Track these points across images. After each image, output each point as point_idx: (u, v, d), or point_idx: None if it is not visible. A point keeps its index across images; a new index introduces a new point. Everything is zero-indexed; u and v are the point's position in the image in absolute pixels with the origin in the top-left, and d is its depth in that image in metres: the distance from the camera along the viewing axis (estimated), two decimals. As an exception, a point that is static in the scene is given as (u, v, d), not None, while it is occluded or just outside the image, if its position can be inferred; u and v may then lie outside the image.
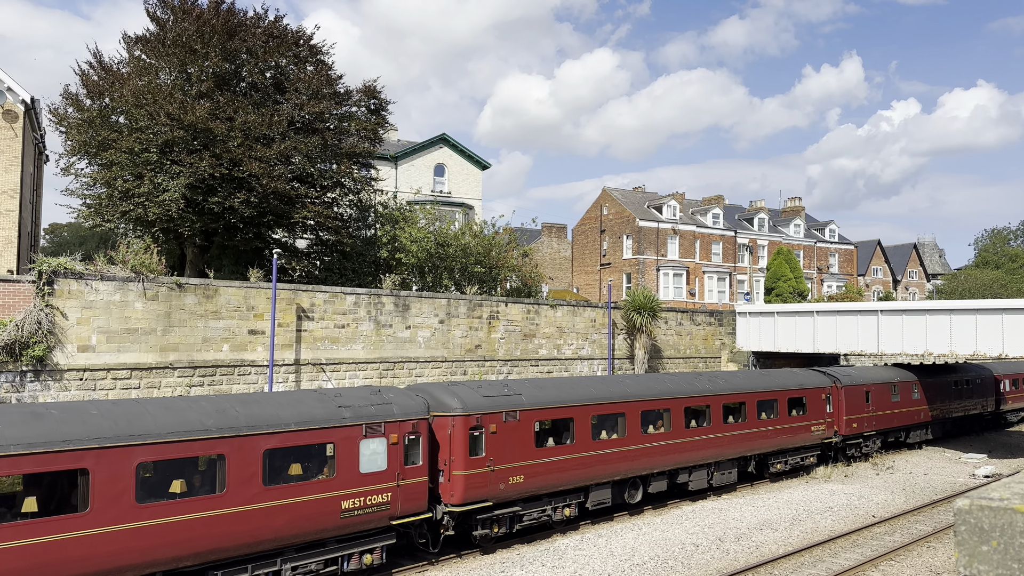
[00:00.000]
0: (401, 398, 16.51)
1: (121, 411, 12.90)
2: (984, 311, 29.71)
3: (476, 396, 17.66)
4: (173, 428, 12.91)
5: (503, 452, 17.55)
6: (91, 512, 11.72)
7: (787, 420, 26.65)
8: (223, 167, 25.99)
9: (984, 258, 79.29)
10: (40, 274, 20.57)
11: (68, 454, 11.63)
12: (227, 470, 13.31)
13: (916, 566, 17.32)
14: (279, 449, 14.09)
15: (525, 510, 18.39)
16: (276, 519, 13.82)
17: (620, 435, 20.65)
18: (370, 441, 15.31)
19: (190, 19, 27.03)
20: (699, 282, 63.34)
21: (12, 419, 11.69)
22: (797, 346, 35.70)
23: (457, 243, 34.23)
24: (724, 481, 24.32)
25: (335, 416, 15.00)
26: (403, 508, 15.79)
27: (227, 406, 14.04)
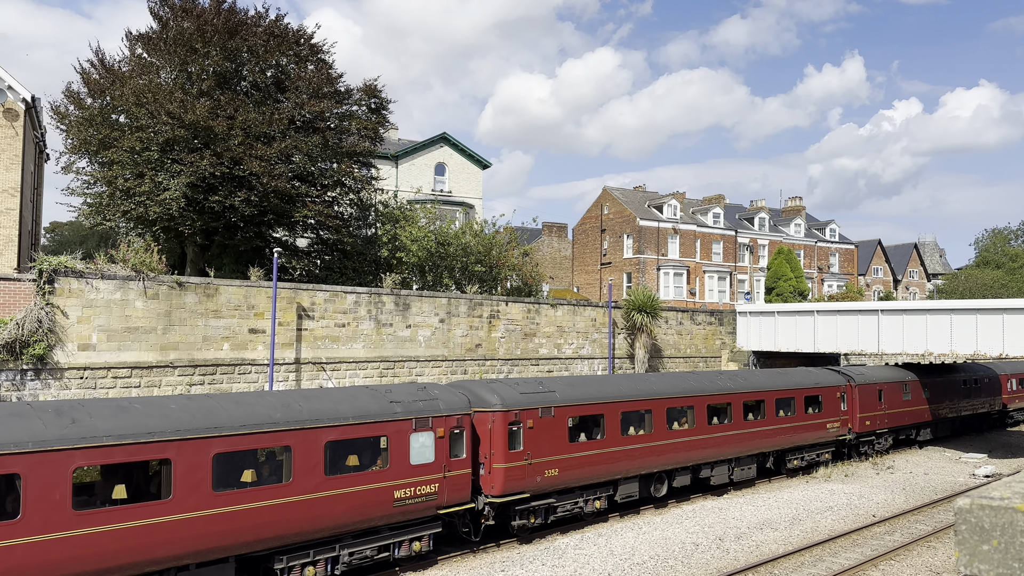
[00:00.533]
0: (446, 394, 17.37)
1: (197, 405, 13.82)
2: (984, 311, 29.71)
3: (514, 393, 18.48)
4: (245, 421, 13.75)
5: (539, 446, 18.38)
6: (173, 499, 12.56)
7: (804, 418, 27.35)
8: (224, 166, 26.00)
9: (985, 258, 79.24)
10: (41, 273, 20.58)
11: (154, 445, 12.51)
12: (293, 461, 14.16)
13: (916, 566, 17.32)
14: (339, 441, 14.93)
15: (559, 502, 19.20)
16: (336, 507, 14.65)
17: (647, 431, 21.40)
18: (419, 435, 16.17)
19: (191, 18, 27.04)
20: (699, 281, 63.33)
21: (102, 412, 12.58)
22: (797, 346, 35.70)
23: (457, 242, 34.23)
24: (744, 476, 24.98)
25: (388, 411, 15.88)
26: (449, 498, 16.63)
27: (291, 401, 14.97)
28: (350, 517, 14.94)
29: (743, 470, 24.89)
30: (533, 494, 18.40)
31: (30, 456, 11.36)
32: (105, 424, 12.25)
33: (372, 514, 15.30)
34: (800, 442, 27.33)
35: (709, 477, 23.75)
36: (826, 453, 28.96)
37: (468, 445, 17.12)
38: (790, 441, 26.81)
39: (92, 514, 11.96)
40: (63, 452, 11.64)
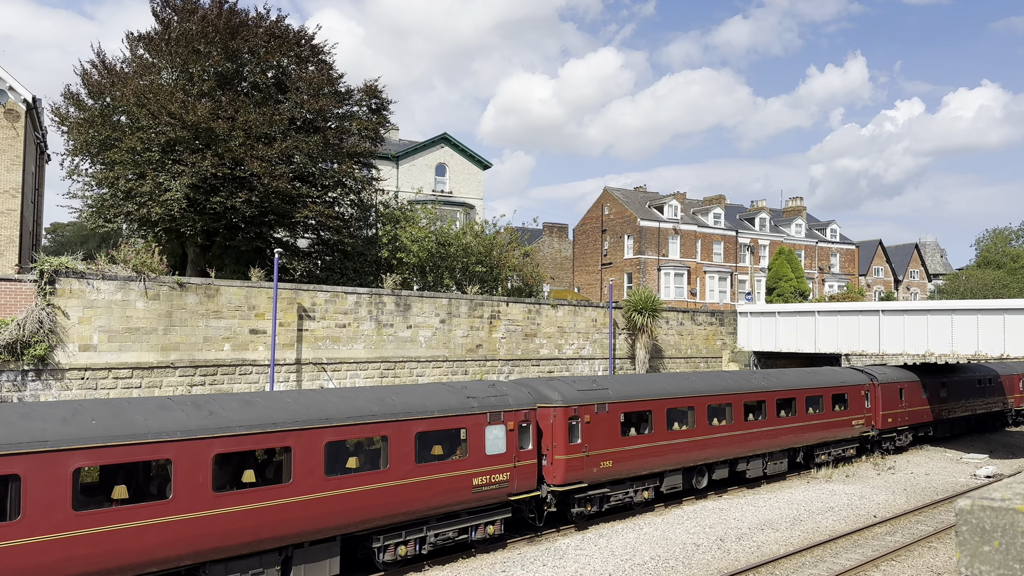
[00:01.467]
0: (513, 391, 18.74)
1: (309, 399, 15.25)
2: (985, 311, 29.69)
3: (572, 390, 19.76)
4: (350, 413, 15.12)
5: (595, 440, 19.66)
6: (293, 483, 13.95)
7: (831, 415, 28.50)
8: (225, 166, 26.01)
9: (986, 258, 79.18)
10: (42, 273, 20.59)
11: (277, 434, 13.90)
12: (389, 449, 15.54)
13: (917, 566, 17.31)
14: (427, 432, 16.28)
15: (612, 492, 20.56)
16: (424, 492, 16.02)
17: (689, 427, 22.66)
18: (493, 427, 17.51)
19: (194, 18, 27.05)
20: (700, 282, 63.32)
21: (232, 405, 13.97)
22: (798, 346, 35.69)
23: (458, 243, 34.24)
24: (776, 470, 26.19)
25: (466, 405, 17.23)
26: (518, 486, 18.02)
27: (385, 396, 16.41)
28: (436, 501, 16.33)
29: (776, 464, 26.12)
30: (590, 484, 19.69)
31: (179, 444, 12.69)
32: (237, 416, 13.66)
33: (454, 499, 16.71)
34: (828, 438, 28.55)
35: (745, 471, 24.96)
36: (851, 449, 30.01)
37: (534, 438, 18.46)
38: (819, 437, 28.08)
39: (229, 495, 13.23)
40: (205, 440, 12.95)
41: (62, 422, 11.94)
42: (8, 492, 11.22)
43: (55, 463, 11.50)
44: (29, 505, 11.20)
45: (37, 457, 11.35)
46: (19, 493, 11.19)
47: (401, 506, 15.65)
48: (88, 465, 12.16)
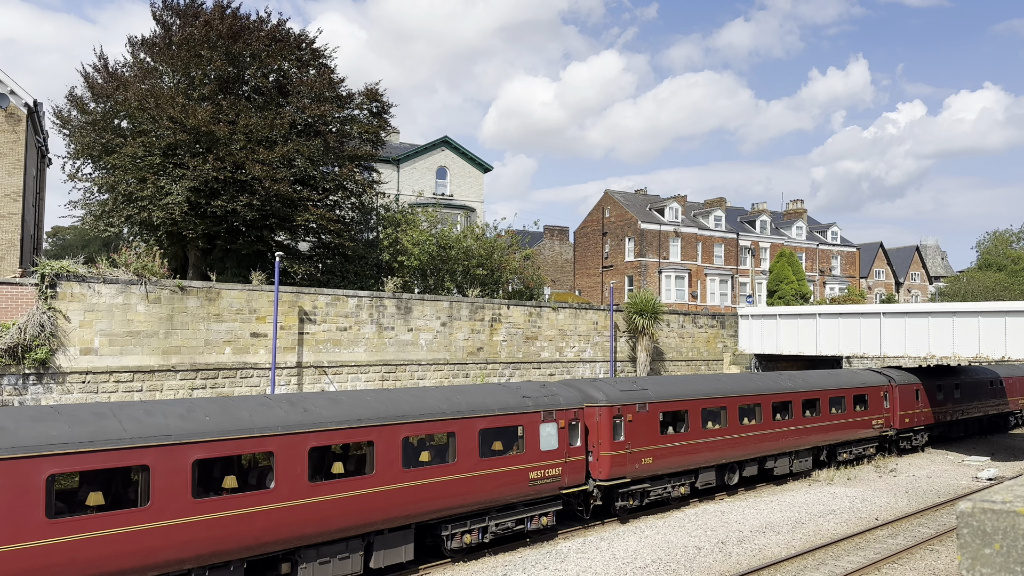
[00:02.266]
0: (563, 391, 19.81)
1: (386, 397, 16.49)
2: (986, 314, 29.67)
3: (615, 390, 20.80)
4: (423, 411, 16.25)
5: (637, 437, 20.73)
6: (375, 474, 15.10)
7: (853, 415, 29.46)
8: (226, 170, 26.04)
9: (987, 260, 79.11)
10: (43, 277, 20.62)
11: (362, 430, 15.08)
12: (456, 444, 16.60)
13: (919, 569, 17.29)
14: (488, 429, 17.32)
15: (652, 487, 21.55)
16: (487, 484, 17.11)
17: (722, 426, 23.66)
18: (546, 425, 18.54)
19: (196, 23, 27.10)
20: (701, 284, 63.31)
21: (322, 403, 15.13)
22: (800, 348, 35.67)
23: (459, 246, 34.25)
24: (801, 468, 27.13)
25: (522, 404, 18.29)
26: (569, 480, 19.09)
27: (451, 395, 17.54)
28: (497, 493, 17.40)
29: (801, 462, 27.10)
30: (632, 479, 20.76)
31: (280, 438, 13.79)
32: (327, 413, 14.79)
33: (513, 492, 17.77)
34: (850, 437, 29.44)
35: (773, 468, 25.94)
36: (871, 448, 30.88)
37: (582, 435, 19.53)
38: (842, 436, 28.98)
39: (322, 485, 14.25)
40: (301, 435, 14.09)
41: (181, 418, 13.04)
42: (139, 481, 12.36)
43: (178, 455, 12.52)
44: (156, 493, 12.20)
45: (163, 450, 12.37)
46: (148, 482, 12.22)
47: (467, 497, 16.76)
48: (205, 457, 13.05)
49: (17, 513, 10.91)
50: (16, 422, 11.61)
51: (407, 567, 16.33)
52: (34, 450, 11.23)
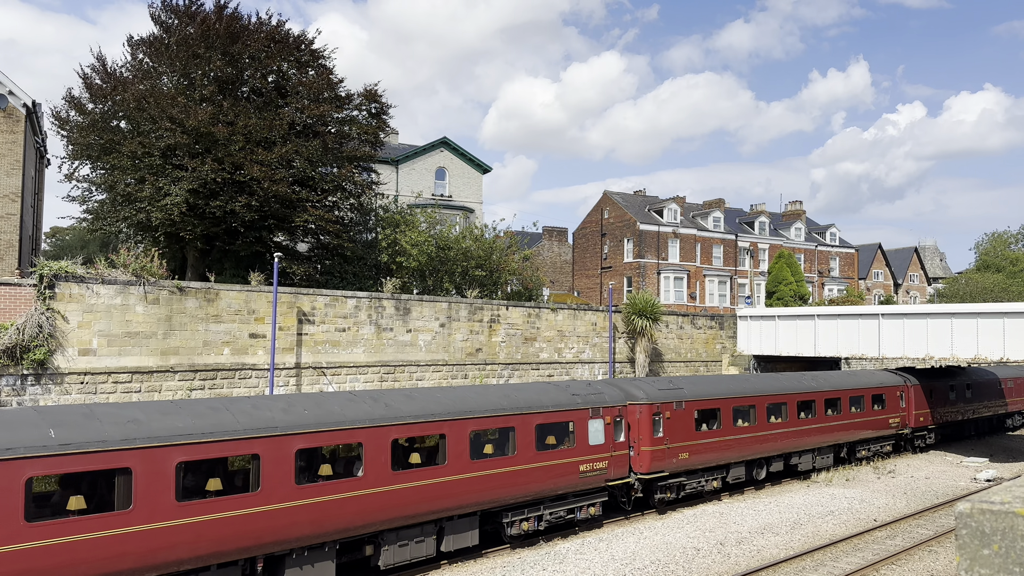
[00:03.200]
0: (608, 389, 20.99)
1: (454, 394, 17.70)
2: (985, 315, 29.70)
3: (654, 389, 21.96)
4: (487, 407, 17.42)
5: (674, 433, 21.88)
6: (447, 465, 16.24)
7: (872, 414, 30.46)
8: (225, 171, 26.02)
9: (985, 262, 79.16)
10: (41, 278, 20.59)
11: (435, 423, 16.35)
12: (516, 438, 17.71)
13: (917, 570, 17.29)
14: (544, 424, 18.50)
15: (687, 481, 22.64)
16: (543, 475, 18.21)
17: (751, 423, 24.75)
18: (594, 421, 19.73)
19: (194, 24, 27.08)
20: (700, 285, 63.32)
21: (399, 399, 16.47)
22: (798, 349, 35.68)
23: (458, 247, 34.24)
24: (823, 464, 28.15)
25: (572, 401, 19.46)
26: (614, 473, 20.28)
27: (509, 392, 18.82)
28: (552, 484, 18.55)
29: (823, 458, 28.14)
30: (670, 473, 21.96)
31: (368, 430, 15.09)
32: (405, 408, 16.04)
33: (565, 483, 18.91)
34: (869, 435, 30.42)
35: (797, 464, 27.02)
36: (888, 445, 31.82)
37: (625, 431, 20.74)
38: (861, 434, 29.99)
39: (401, 474, 15.53)
40: (385, 428, 15.34)
41: (283, 411, 14.27)
42: (251, 468, 13.59)
43: (283, 445, 13.72)
44: (266, 479, 13.37)
45: (271, 440, 13.58)
46: (259, 469, 13.39)
47: (525, 487, 17.96)
48: (305, 447, 14.19)
49: (154, 496, 12.10)
50: (147, 415, 12.80)
51: (472, 551, 17.52)
52: (166, 440, 12.42)
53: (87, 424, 12.09)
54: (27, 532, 10.97)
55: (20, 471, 11.13)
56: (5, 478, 10.98)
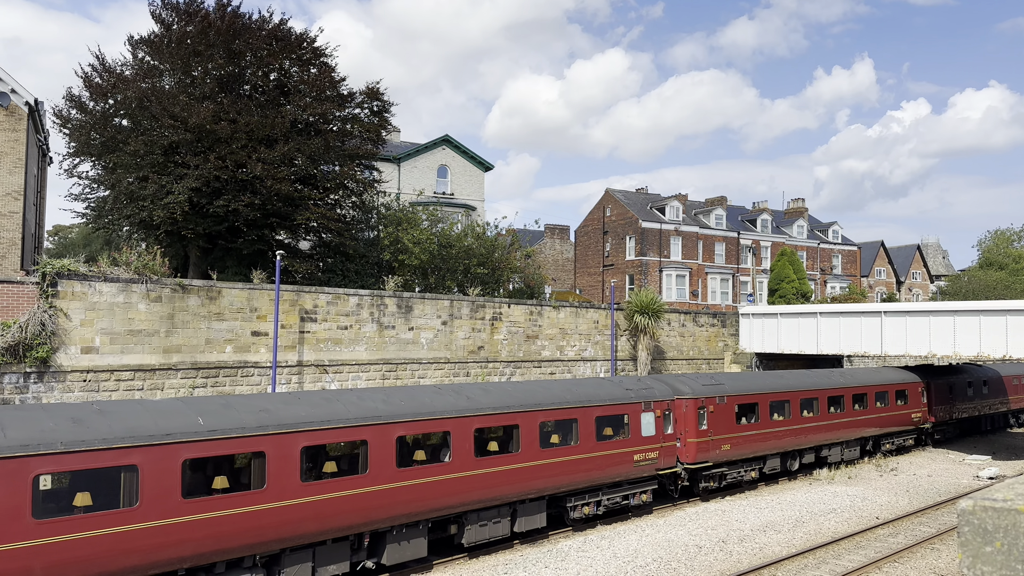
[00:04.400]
0: (656, 384, 22.63)
1: (524, 388, 19.37)
2: (988, 312, 29.65)
3: (698, 384, 23.33)
4: (553, 400, 18.90)
5: (717, 426, 23.27)
6: (520, 453, 17.69)
7: (895, 409, 31.75)
8: (227, 169, 26.02)
9: (988, 259, 79.02)
10: (44, 276, 20.62)
11: (510, 415, 17.66)
12: (579, 429, 19.24)
13: (920, 568, 17.28)
14: (603, 416, 19.97)
15: (728, 471, 24.06)
16: (602, 464, 19.73)
17: (786, 417, 26.11)
18: (646, 414, 21.23)
19: (195, 22, 27.07)
20: (702, 283, 63.29)
21: (477, 392, 17.93)
22: (800, 347, 35.65)
23: (460, 244, 34.23)
24: (850, 456, 29.65)
25: (627, 396, 20.98)
26: (663, 463, 21.77)
27: (572, 387, 20.41)
28: (610, 472, 20.06)
29: (850, 451, 29.60)
30: (713, 463, 23.32)
31: (454, 420, 16.49)
32: (485, 400, 17.53)
33: (621, 471, 20.43)
34: (893, 429, 31.85)
35: (827, 456, 28.42)
36: (910, 439, 33.25)
37: (673, 423, 22.18)
38: (886, 428, 31.41)
39: (482, 460, 16.98)
40: (468, 418, 16.83)
41: (383, 403, 15.83)
42: (360, 454, 15.08)
43: (387, 432, 15.24)
44: (372, 463, 14.90)
45: (376, 428, 15.17)
46: (367, 454, 14.91)
47: (587, 474, 19.44)
48: (404, 435, 15.67)
49: (283, 477, 13.58)
50: (275, 405, 14.29)
51: (540, 532, 19.07)
52: (292, 427, 13.91)
53: (227, 413, 13.62)
54: (183, 507, 12.47)
55: (177, 454, 12.56)
56: (166, 459, 12.42)
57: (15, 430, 11.39)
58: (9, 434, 11.28)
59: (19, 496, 10.98)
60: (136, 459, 12.09)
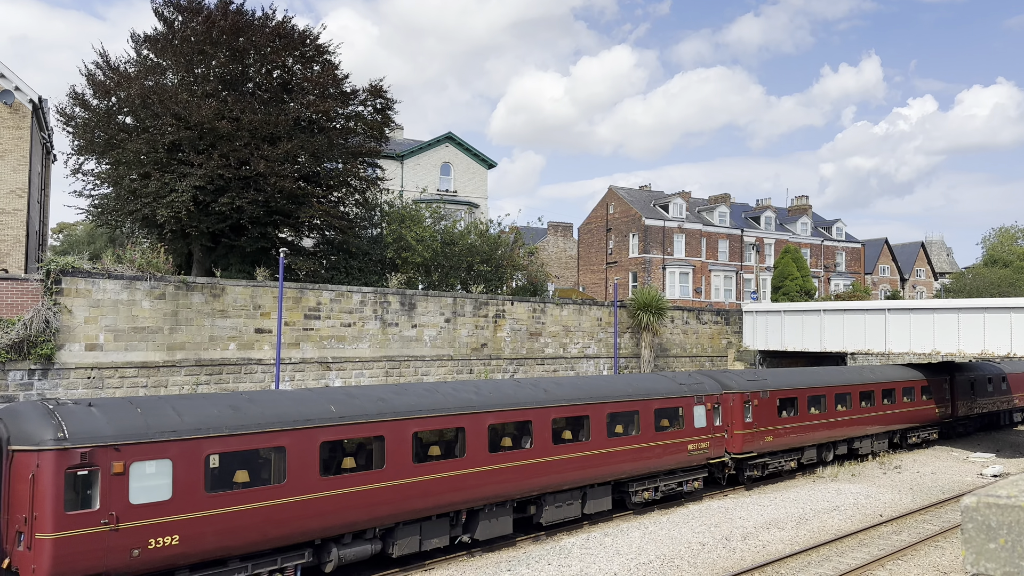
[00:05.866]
0: (706, 379, 24.13)
1: (591, 382, 21.45)
2: (992, 310, 29.57)
3: (743, 379, 25.07)
4: (618, 394, 20.68)
5: (761, 419, 24.87)
6: (591, 441, 19.45)
7: (921, 403, 33.22)
8: (230, 167, 26.04)
9: (992, 256, 78.82)
10: (48, 273, 20.67)
11: (581, 406, 19.55)
12: (640, 420, 20.88)
13: (923, 565, 17.26)
14: (660, 408, 21.64)
15: (771, 461, 25.69)
16: (659, 453, 21.40)
17: (822, 411, 27.71)
18: (698, 407, 22.80)
19: (198, 19, 27.07)
20: (705, 280, 63.23)
21: (552, 385, 19.77)
22: (804, 345, 35.60)
23: (463, 242, 34.23)
24: (879, 449, 31.29)
25: (680, 390, 22.54)
26: (713, 453, 23.29)
27: (632, 380, 22.49)
28: (666, 460, 21.67)
29: (879, 443, 31.22)
30: (758, 454, 24.99)
31: (534, 410, 18.30)
32: (560, 393, 19.31)
33: (676, 460, 22.03)
34: (919, 422, 33.33)
35: (859, 448, 30.03)
36: (935, 433, 34.59)
37: (722, 416, 23.70)
38: (912, 421, 32.86)
39: (559, 447, 18.63)
40: (546, 408, 18.52)
41: (475, 394, 17.54)
42: (457, 439, 16.77)
43: (480, 421, 17.03)
44: (469, 448, 16.74)
45: (471, 416, 16.84)
46: (464, 440, 16.69)
47: (647, 462, 21.08)
48: (493, 423, 17.36)
49: (399, 458, 15.44)
50: (388, 395, 16.29)
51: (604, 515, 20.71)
52: (405, 415, 15.81)
53: (352, 401, 15.40)
54: (321, 484, 14.20)
55: (316, 437, 14.29)
56: (307, 441, 14.13)
57: (189, 416, 13.06)
58: (185, 419, 12.94)
59: (196, 472, 12.71)
60: (284, 441, 13.86)
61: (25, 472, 11.53)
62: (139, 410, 12.77)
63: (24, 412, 12.32)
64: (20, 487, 11.61)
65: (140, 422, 12.48)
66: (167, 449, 12.44)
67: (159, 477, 12.37)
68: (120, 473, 11.93)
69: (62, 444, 11.58)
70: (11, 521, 11.72)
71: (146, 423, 12.51)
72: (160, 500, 12.28)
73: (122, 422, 12.32)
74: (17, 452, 11.76)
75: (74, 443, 11.66)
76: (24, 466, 11.59)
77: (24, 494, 11.51)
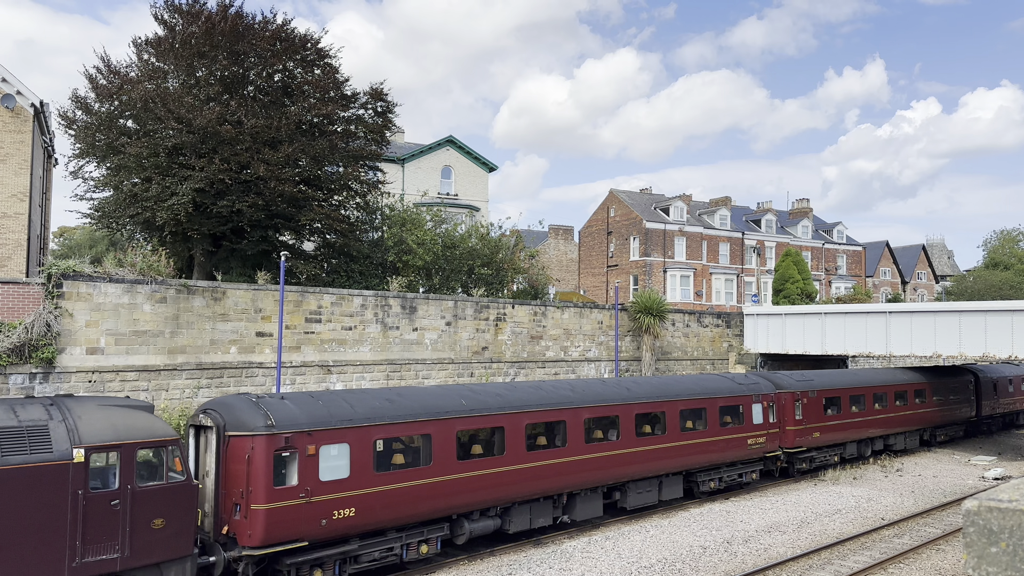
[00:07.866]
0: (761, 380, 26.18)
1: (662, 380, 23.79)
2: (994, 312, 29.55)
3: (793, 380, 27.14)
4: (688, 392, 22.86)
5: (810, 416, 26.92)
6: (666, 435, 21.68)
7: (950, 403, 34.94)
8: (231, 171, 26.05)
9: (993, 259, 78.76)
10: (49, 277, 20.67)
11: (658, 403, 21.70)
12: (707, 416, 23.08)
13: (925, 569, 17.22)
14: (724, 406, 23.80)
15: (817, 456, 27.70)
16: (724, 446, 23.60)
17: (862, 409, 29.58)
18: (756, 405, 24.94)
19: (198, 23, 27.10)
20: (706, 283, 63.19)
21: (632, 384, 22.18)
22: (806, 348, 35.58)
23: (464, 245, 34.22)
24: (911, 445, 33.03)
25: (740, 389, 24.72)
26: (767, 448, 25.42)
27: (700, 381, 24.42)
28: (728, 454, 23.82)
29: (911, 440, 32.91)
30: (807, 448, 27.03)
31: (621, 406, 20.62)
32: (640, 390, 21.68)
33: (737, 454, 24.21)
34: (946, 421, 34.89)
35: (894, 444, 31.88)
36: (960, 431, 36.53)
37: (776, 413, 25.72)
38: (941, 420, 34.43)
39: (641, 439, 20.99)
40: (630, 405, 20.93)
41: (570, 391, 19.85)
42: (559, 431, 19.05)
43: (577, 415, 19.31)
44: (569, 439, 18.97)
45: (570, 411, 19.27)
46: (565, 432, 19.01)
47: (712, 455, 23.16)
48: (588, 417, 19.64)
49: (515, 447, 17.74)
50: (504, 392, 18.52)
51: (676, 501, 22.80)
52: (519, 408, 18.10)
53: (477, 396, 17.69)
54: (457, 467, 16.57)
55: (454, 426, 16.66)
56: (447, 430, 16.50)
57: (360, 407, 15.43)
58: (357, 409, 15.29)
59: (367, 454, 15.07)
60: (431, 430, 16.20)
61: (241, 454, 13.75)
62: (320, 402, 15.07)
63: (236, 404, 14.53)
64: (235, 467, 13.84)
65: (324, 412, 14.79)
66: (346, 435, 14.81)
67: (340, 458, 14.71)
68: (312, 455, 14.28)
69: (271, 430, 13.88)
70: (228, 495, 13.87)
71: (329, 413, 14.83)
72: (341, 478, 14.63)
73: (312, 412, 14.62)
74: (233, 437, 13.93)
75: (280, 429, 13.99)
76: (240, 449, 13.79)
77: (239, 473, 13.73)
